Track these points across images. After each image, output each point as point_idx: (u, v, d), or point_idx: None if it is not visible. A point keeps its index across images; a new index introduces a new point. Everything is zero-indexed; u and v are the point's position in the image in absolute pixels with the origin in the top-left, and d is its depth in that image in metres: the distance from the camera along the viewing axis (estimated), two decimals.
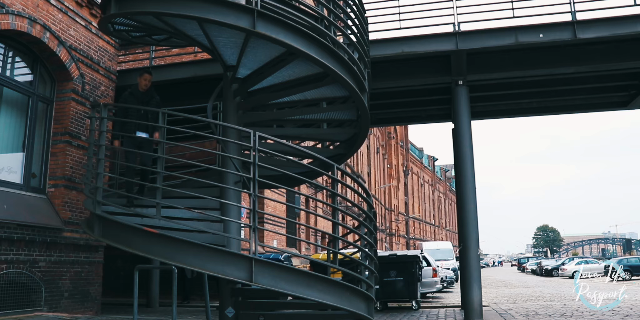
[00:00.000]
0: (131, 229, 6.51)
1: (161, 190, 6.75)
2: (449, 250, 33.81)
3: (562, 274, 42.51)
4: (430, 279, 17.41)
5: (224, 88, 7.92)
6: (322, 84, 7.70)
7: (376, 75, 10.35)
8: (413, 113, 15.95)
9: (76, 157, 10.56)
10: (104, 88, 11.53)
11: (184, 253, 6.35)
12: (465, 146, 11.91)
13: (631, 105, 14.73)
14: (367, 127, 8.43)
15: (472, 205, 11.77)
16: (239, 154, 7.46)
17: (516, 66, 12.21)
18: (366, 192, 8.03)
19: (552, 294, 20.79)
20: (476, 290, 11.29)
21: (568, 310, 13.36)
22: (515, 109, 15.50)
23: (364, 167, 49.39)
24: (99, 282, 11.09)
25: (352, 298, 7.05)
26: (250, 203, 6.41)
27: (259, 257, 6.30)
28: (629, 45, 11.72)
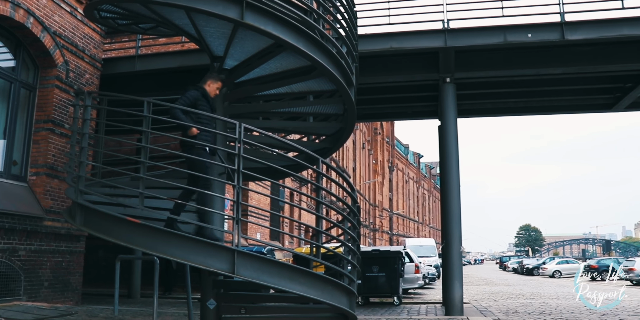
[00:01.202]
0: (113, 218, 6.44)
1: (144, 180, 6.68)
2: (432, 247, 33.95)
3: (543, 273, 42.94)
4: (412, 275, 17.49)
5: None
6: (310, 77, 7.67)
7: (364, 70, 10.34)
8: (399, 109, 15.96)
9: (59, 145, 10.46)
10: (88, 76, 11.41)
11: (166, 244, 6.30)
12: (451, 143, 11.94)
13: (615, 108, 14.85)
14: (353, 122, 8.42)
15: (456, 202, 11.81)
16: (224, 145, 7.42)
17: (504, 65, 12.25)
18: (350, 187, 8.02)
19: (532, 293, 20.98)
20: (457, 287, 11.34)
21: (547, 308, 13.49)
22: (502, 108, 15.57)
23: (349, 162, 49.45)
24: (79, 272, 11.00)
25: (334, 292, 7.05)
26: (234, 195, 6.37)
27: (241, 249, 6.27)
28: (615, 48, 11.81)
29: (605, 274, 34.00)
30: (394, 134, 76.29)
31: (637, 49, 11.74)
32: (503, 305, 14.50)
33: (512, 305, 14.49)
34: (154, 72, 13.02)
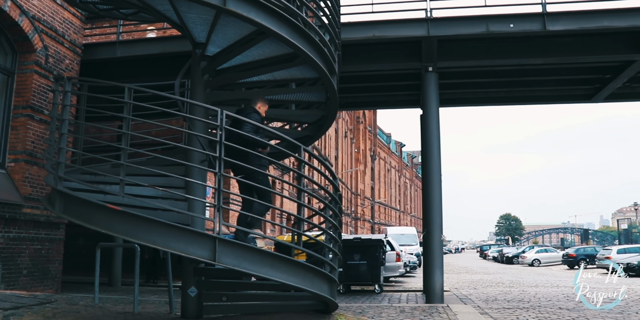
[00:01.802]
0: (94, 205, 6.40)
1: (125, 167, 6.64)
2: (413, 236, 34.19)
3: (522, 262, 43.50)
4: (393, 263, 17.60)
5: (192, 65, 7.80)
6: (292, 65, 7.64)
7: (347, 58, 10.32)
8: (382, 98, 15.99)
9: (38, 132, 10.34)
10: (68, 61, 11.27)
11: (147, 231, 6.27)
12: (433, 133, 12.00)
13: (595, 99, 15.03)
14: (336, 110, 8.42)
15: (437, 191, 11.89)
16: (206, 132, 7.39)
17: (486, 55, 12.31)
18: (332, 175, 8.03)
19: (511, 281, 21.25)
20: (438, 275, 11.46)
21: (526, 296, 13.69)
22: (484, 98, 15.67)
23: (331, 150, 49.49)
24: (59, 259, 10.93)
25: (315, 280, 7.08)
26: (215, 182, 6.36)
27: (222, 237, 6.27)
28: (595, 40, 11.93)
29: (583, 262, 34.59)
30: (376, 123, 76.41)
31: (616, 41, 11.87)
32: (483, 293, 14.68)
33: (491, 293, 14.67)
34: (136, 58, 12.89)
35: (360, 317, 8.12)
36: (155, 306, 9.31)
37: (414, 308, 9.60)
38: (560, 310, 10.35)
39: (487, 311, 10.09)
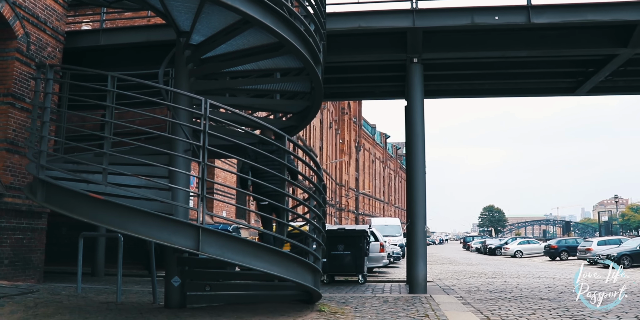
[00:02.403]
0: (76, 194, 6.36)
1: (108, 156, 6.60)
2: (397, 227, 34.29)
3: (505, 253, 43.90)
4: (377, 253, 17.68)
5: (176, 54, 7.75)
6: (277, 55, 7.62)
7: (332, 49, 10.30)
8: (367, 89, 15.99)
9: (19, 120, 10.22)
10: (51, 49, 11.13)
11: (130, 220, 6.25)
12: (417, 124, 12.03)
13: (578, 92, 15.14)
14: (320, 100, 8.41)
15: (421, 182, 11.94)
16: (190, 121, 7.35)
17: (471, 47, 12.33)
18: (316, 165, 8.04)
19: (494, 272, 21.44)
20: (421, 266, 11.52)
21: (508, 287, 13.83)
22: (468, 90, 15.72)
23: (316, 141, 49.49)
24: (41, 249, 10.85)
25: (298, 270, 7.11)
26: (199, 172, 6.34)
27: (206, 226, 6.26)
28: (579, 33, 12.00)
29: (565, 254, 35.01)
30: (361, 114, 76.47)
31: (599, 34, 11.95)
32: (466, 284, 14.80)
33: (474, 284, 14.80)
34: (119, 47, 12.76)
35: (343, 307, 8.16)
36: (139, 296, 9.28)
37: (397, 298, 9.66)
38: (541, 300, 10.48)
39: (469, 301, 10.18)
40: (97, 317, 6.74)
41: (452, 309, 8.12)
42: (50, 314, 6.85)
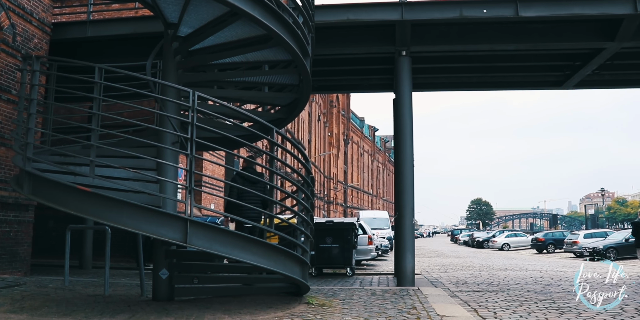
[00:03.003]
0: (63, 186, 6.33)
1: (95, 148, 6.56)
2: (385, 220, 34.36)
3: (493, 246, 44.14)
4: (365, 246, 17.72)
5: (164, 46, 7.70)
6: (265, 47, 7.60)
7: (320, 41, 10.28)
8: (355, 81, 15.98)
9: (5, 112, 10.13)
10: (37, 40, 11.02)
11: (117, 213, 6.24)
12: (405, 117, 12.03)
13: (565, 85, 15.22)
14: (309, 93, 8.40)
15: (409, 175, 11.96)
16: (178, 114, 7.32)
17: (459, 40, 12.35)
18: (305, 158, 8.05)
19: (481, 265, 21.57)
20: (409, 259, 11.56)
21: (495, 279, 13.93)
22: (456, 83, 15.76)
23: (304, 134, 49.45)
24: (28, 242, 10.80)
25: (286, 262, 7.13)
26: (187, 164, 6.33)
27: (194, 219, 6.26)
28: (566, 27, 12.05)
29: (551, 247, 35.29)
30: (349, 107, 76.41)
31: (587, 28, 12.01)
32: (453, 277, 14.89)
33: (461, 277, 14.89)
34: (107, 39, 12.65)
35: (331, 299, 8.19)
36: (127, 289, 9.27)
37: (385, 291, 9.71)
38: (528, 293, 10.57)
39: (457, 294, 10.25)
40: (85, 309, 6.73)
41: (439, 302, 8.18)
42: (37, 307, 6.83)
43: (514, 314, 7.74)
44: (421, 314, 6.89)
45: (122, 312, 6.60)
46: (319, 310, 7.10)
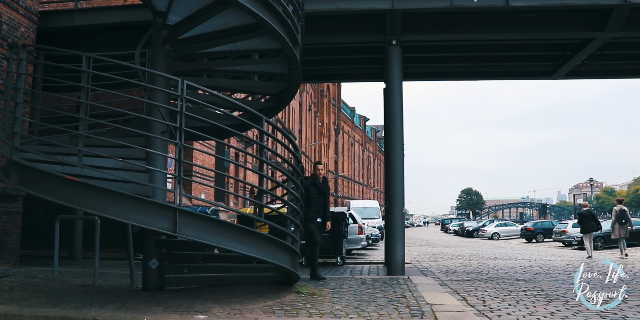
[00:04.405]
0: (51, 176, 6.30)
1: (83, 138, 6.52)
2: (376, 209, 34.46)
3: (482, 235, 44.45)
4: (355, 236, 17.72)
5: (153, 35, 7.65)
6: (255, 35, 7.55)
7: (310, 30, 10.22)
8: (346, 71, 15.92)
9: None
10: (24, 29, 10.90)
11: (106, 202, 6.21)
12: (396, 106, 12.02)
13: (555, 75, 15.24)
14: (298, 82, 8.37)
15: (399, 164, 11.97)
16: (167, 103, 7.28)
17: (450, 29, 12.32)
18: (294, 147, 8.03)
19: (471, 254, 21.69)
20: (399, 248, 11.60)
21: (485, 268, 14.02)
22: (447, 73, 15.73)
23: (295, 124, 49.38)
24: (17, 233, 10.74)
25: (276, 251, 7.13)
26: (176, 153, 6.30)
27: (183, 208, 6.24)
28: (557, 17, 12.05)
29: (541, 236, 35.53)
30: (340, 97, 76.33)
31: (577, 18, 12.02)
32: (443, 266, 14.96)
33: (451, 266, 14.97)
34: (95, 27, 12.51)
35: (322, 288, 8.22)
36: (117, 279, 9.26)
37: (375, 280, 9.75)
38: (517, 281, 10.65)
39: (446, 283, 10.31)
40: (74, 300, 6.72)
41: (429, 290, 8.22)
42: (26, 298, 6.81)
43: (502, 302, 7.80)
44: (411, 303, 6.93)
45: (112, 302, 6.59)
46: (309, 299, 7.12)
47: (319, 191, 9.66)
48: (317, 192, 9.63)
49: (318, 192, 9.64)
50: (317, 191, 9.64)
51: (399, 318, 5.93)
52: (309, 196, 9.43)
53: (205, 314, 5.93)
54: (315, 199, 9.58)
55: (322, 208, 9.69)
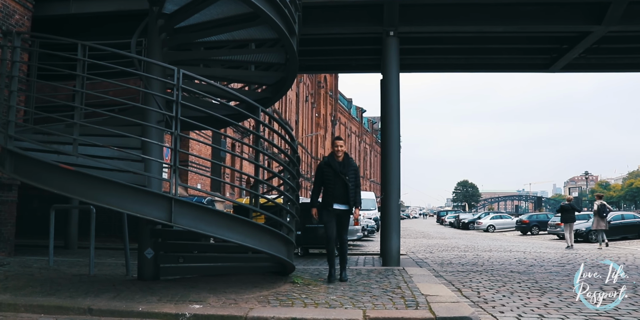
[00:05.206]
0: (46, 165, 6.28)
1: (79, 126, 6.49)
2: (372, 201, 34.43)
3: (478, 227, 44.61)
4: (351, 227, 17.71)
5: (149, 23, 7.60)
6: (252, 25, 7.51)
7: (308, 20, 10.17)
8: (343, 62, 15.88)
9: None
10: (18, 16, 10.81)
11: (101, 191, 6.20)
12: (392, 97, 12.00)
13: (552, 68, 15.23)
14: (295, 72, 8.34)
15: (395, 156, 11.97)
16: (163, 92, 7.24)
17: (448, 21, 12.28)
18: (290, 137, 8.02)
19: (466, 246, 21.77)
20: (395, 239, 11.62)
21: (480, 260, 14.07)
22: (444, 64, 15.70)
23: (292, 115, 49.34)
24: (12, 222, 10.71)
25: (272, 242, 7.13)
26: (171, 143, 6.28)
27: (178, 198, 6.23)
28: (555, 9, 12.02)
29: (536, 229, 35.66)
30: (337, 88, 76.26)
31: (575, 11, 12.00)
32: (438, 257, 15.01)
33: (446, 257, 15.02)
34: (91, 16, 12.42)
35: (317, 279, 8.24)
36: (112, 268, 9.26)
37: (371, 270, 9.77)
38: (511, 273, 10.69)
39: (441, 274, 10.34)
40: (69, 289, 6.72)
41: (424, 281, 8.24)
42: (21, 287, 6.81)
43: (497, 294, 7.83)
44: (405, 293, 6.95)
45: (107, 291, 6.59)
46: (305, 289, 7.13)
47: (335, 172, 8.08)
48: (333, 174, 8.07)
49: (334, 174, 8.07)
50: (332, 173, 8.09)
51: (394, 308, 5.95)
52: (323, 179, 8.18)
53: (200, 303, 5.93)
54: (331, 182, 8.07)
55: (343, 192, 8.06)
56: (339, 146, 8.17)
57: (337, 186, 8.04)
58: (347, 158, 8.25)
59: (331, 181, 8.05)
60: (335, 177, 8.03)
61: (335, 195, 8.02)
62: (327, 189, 8.08)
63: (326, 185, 8.11)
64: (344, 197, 8.06)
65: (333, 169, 8.06)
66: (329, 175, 8.06)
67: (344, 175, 8.04)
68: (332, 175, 8.05)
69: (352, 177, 8.14)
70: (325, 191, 8.11)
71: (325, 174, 8.11)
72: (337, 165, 8.08)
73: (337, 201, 8.04)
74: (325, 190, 8.12)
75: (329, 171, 8.09)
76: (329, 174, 8.07)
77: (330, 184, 8.05)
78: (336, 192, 8.02)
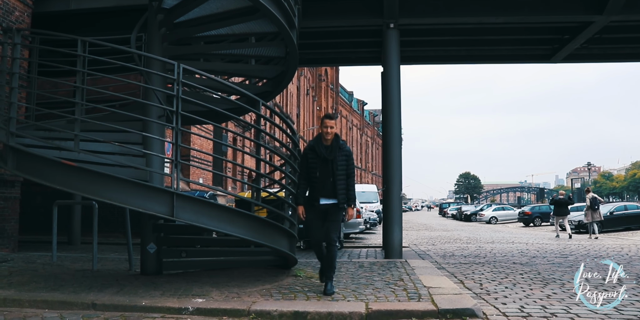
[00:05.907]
0: (48, 161, 6.28)
1: (80, 122, 6.49)
2: (374, 193, 34.46)
3: (480, 219, 44.64)
4: (354, 220, 17.77)
5: (148, 18, 7.58)
6: (251, 19, 7.50)
7: (307, 13, 10.15)
8: (344, 54, 15.86)
9: None
10: (18, 13, 10.80)
11: (103, 187, 6.21)
12: (393, 90, 12.00)
13: (553, 59, 15.21)
14: (296, 65, 8.33)
15: (397, 148, 11.98)
16: (163, 87, 7.24)
17: (447, 13, 12.26)
18: (291, 130, 8.01)
19: (469, 238, 21.78)
20: (397, 232, 11.64)
21: (482, 252, 14.08)
22: (444, 56, 15.68)
23: (293, 108, 49.27)
24: (15, 218, 10.74)
25: (274, 235, 7.14)
26: (172, 137, 6.28)
27: (180, 192, 6.24)
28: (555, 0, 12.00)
29: (538, 220, 35.64)
30: (338, 81, 76.08)
31: (576, 1, 12.00)
32: (441, 249, 15.03)
33: (449, 249, 15.03)
34: (90, 12, 12.41)
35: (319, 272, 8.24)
36: (115, 263, 9.28)
37: (373, 263, 9.79)
38: (514, 264, 10.70)
39: (444, 266, 10.35)
40: (73, 284, 6.74)
41: (426, 273, 8.25)
42: (25, 282, 6.83)
43: (499, 285, 7.84)
44: (408, 286, 6.96)
45: (110, 286, 6.61)
46: (307, 282, 7.15)
47: (321, 159, 6.48)
48: (318, 162, 6.49)
49: (319, 162, 6.48)
50: (317, 160, 6.51)
51: (396, 301, 5.96)
52: (306, 168, 6.62)
53: (203, 297, 5.95)
54: (316, 171, 6.49)
55: (330, 183, 6.45)
56: (328, 127, 6.52)
57: (323, 176, 6.48)
58: (336, 141, 6.58)
59: (316, 170, 6.49)
60: (323, 165, 6.47)
61: (321, 188, 6.49)
62: (312, 180, 6.54)
63: (311, 176, 6.55)
64: (332, 189, 6.47)
65: (318, 154, 6.50)
66: (314, 162, 6.51)
67: (332, 162, 6.45)
68: (317, 162, 6.49)
69: (342, 164, 6.51)
70: (310, 183, 6.59)
71: (310, 161, 6.56)
72: (324, 150, 6.49)
73: (323, 195, 6.51)
74: (309, 182, 6.60)
75: (314, 157, 6.53)
76: (314, 161, 6.51)
77: (316, 173, 6.50)
78: (323, 183, 6.48)
